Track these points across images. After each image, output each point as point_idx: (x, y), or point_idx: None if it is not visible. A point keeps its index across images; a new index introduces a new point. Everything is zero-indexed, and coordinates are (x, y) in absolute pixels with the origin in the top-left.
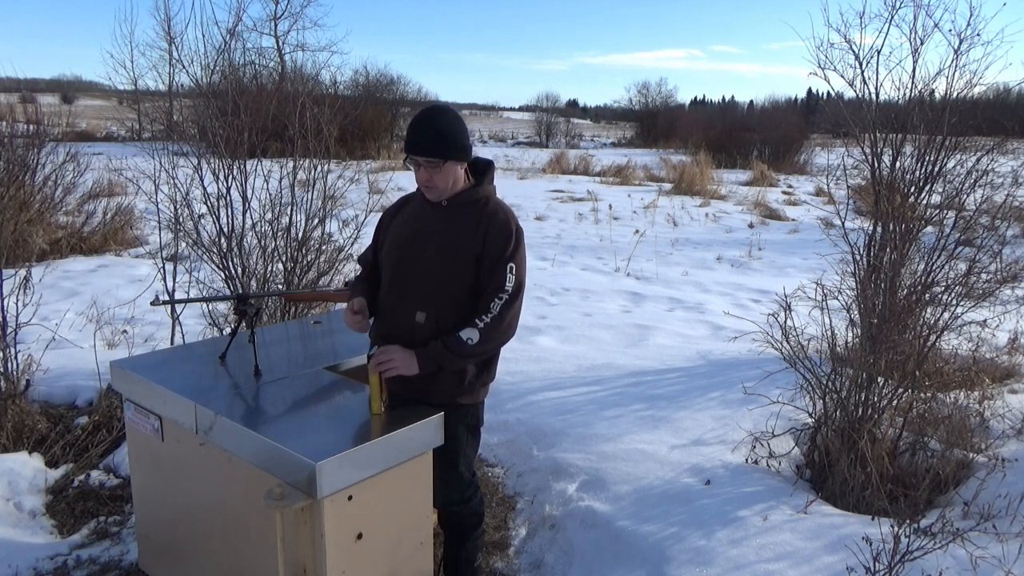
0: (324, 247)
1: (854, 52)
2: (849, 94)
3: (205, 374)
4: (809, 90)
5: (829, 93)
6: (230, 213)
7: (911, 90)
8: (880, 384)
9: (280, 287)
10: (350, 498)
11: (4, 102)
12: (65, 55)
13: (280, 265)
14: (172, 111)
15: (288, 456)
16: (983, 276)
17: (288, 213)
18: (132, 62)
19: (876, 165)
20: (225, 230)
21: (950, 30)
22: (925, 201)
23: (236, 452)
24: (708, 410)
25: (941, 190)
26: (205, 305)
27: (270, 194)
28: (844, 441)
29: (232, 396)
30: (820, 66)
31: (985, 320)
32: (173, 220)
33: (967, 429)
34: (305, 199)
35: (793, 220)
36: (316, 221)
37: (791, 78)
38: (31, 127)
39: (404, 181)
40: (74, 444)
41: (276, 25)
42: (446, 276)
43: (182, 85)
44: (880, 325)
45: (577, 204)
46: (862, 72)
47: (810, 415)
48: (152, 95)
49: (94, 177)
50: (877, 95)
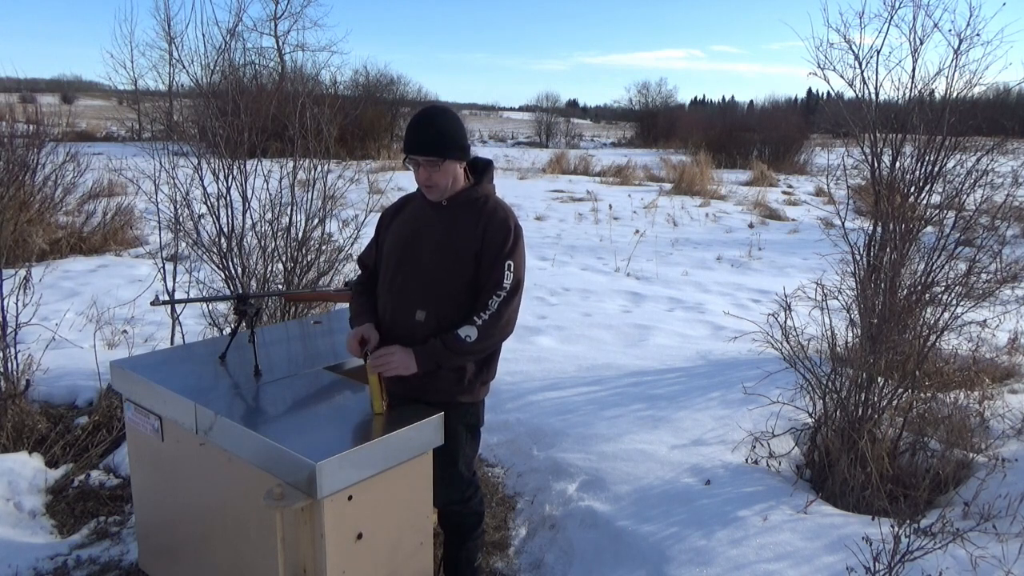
0: (324, 247)
1: (854, 52)
2: (849, 94)
3: (205, 374)
4: (809, 90)
5: (829, 93)
6: (230, 213)
7: (911, 90)
8: (880, 384)
9: (280, 287)
10: (350, 498)
11: (4, 102)
12: (65, 55)
13: (280, 265)
14: (172, 111)
15: (288, 456)
16: (983, 276)
17: (288, 213)
18: (132, 62)
19: (876, 165)
20: (225, 230)
21: (950, 30)
22: (925, 201)
23: (236, 452)
24: (708, 410)
25: (941, 190)
26: (205, 305)
27: (270, 194)
28: (844, 441)
29: (232, 396)
30: (820, 66)
31: (985, 320)
32: (173, 220)
33: (967, 429)
34: (305, 199)
35: (793, 220)
36: (316, 221)
37: (791, 78)
38: (31, 127)
39: (404, 181)
40: (74, 444)
41: (276, 25)
42: (446, 275)
43: (182, 85)
44: (880, 325)
45: (577, 204)
46: (862, 72)
47: (810, 415)
48: (152, 95)
49: (94, 177)
50: (877, 95)
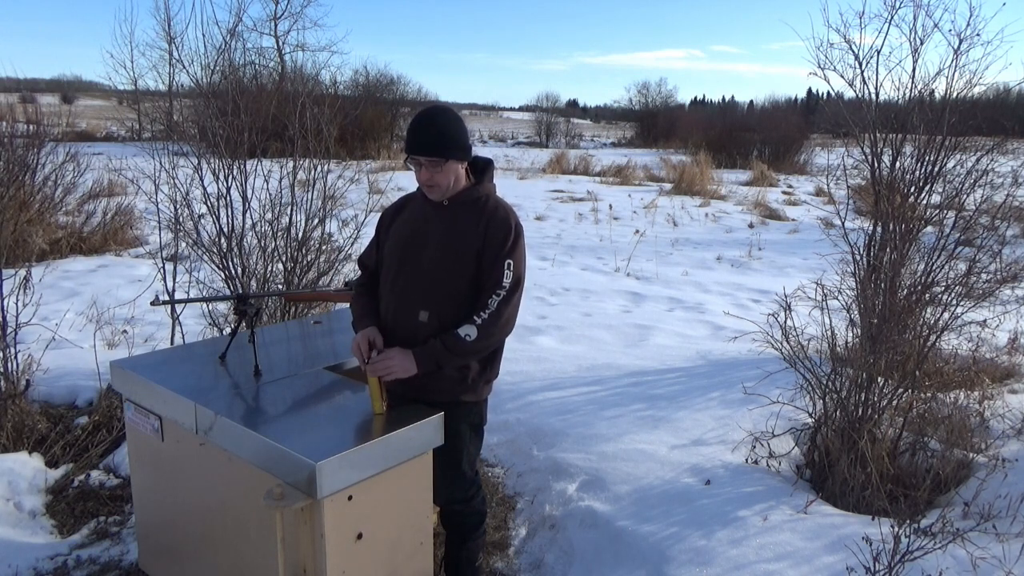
0: (324, 247)
1: (854, 52)
2: (849, 94)
3: (205, 374)
4: (809, 90)
5: (829, 93)
6: (230, 213)
7: (911, 90)
8: (880, 384)
9: (280, 287)
10: (350, 498)
11: (4, 102)
12: (65, 55)
13: (280, 265)
14: (172, 111)
15: (288, 456)
16: (983, 276)
17: (288, 213)
18: (132, 62)
19: (876, 165)
20: (225, 230)
21: (950, 30)
22: (925, 201)
23: (236, 452)
24: (708, 410)
25: (941, 190)
26: (205, 305)
27: (270, 194)
28: (844, 441)
29: (232, 396)
30: (820, 66)
31: (985, 320)
32: (173, 220)
33: (967, 429)
34: (305, 199)
35: (793, 220)
36: (316, 221)
37: (791, 78)
38: (31, 127)
39: (404, 181)
40: (74, 444)
41: (276, 25)
42: (447, 275)
43: (182, 85)
44: (880, 325)
45: (577, 204)
46: (862, 72)
47: (810, 415)
48: (152, 95)
49: (94, 177)
50: (877, 95)
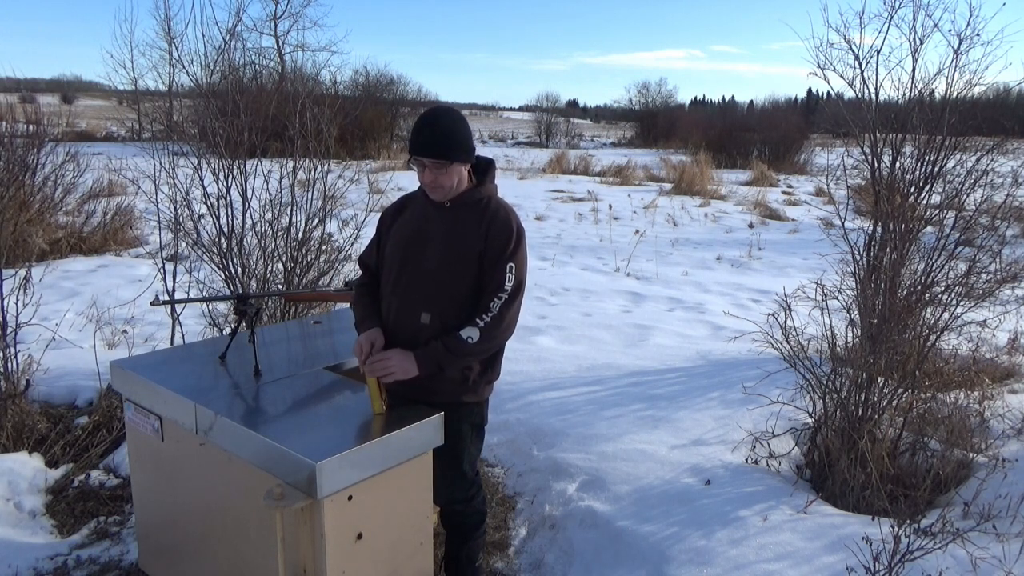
0: (324, 247)
1: (854, 52)
2: (849, 94)
3: (205, 374)
4: (809, 90)
5: (829, 93)
6: (230, 213)
7: (911, 90)
8: (880, 384)
9: (280, 287)
10: (350, 498)
11: (4, 102)
12: (65, 55)
13: (280, 265)
14: (172, 111)
15: (288, 456)
16: (983, 276)
17: (288, 213)
18: (132, 62)
19: (876, 165)
20: (225, 230)
21: (950, 30)
22: (925, 201)
23: (236, 452)
24: (708, 410)
25: (941, 190)
26: (205, 305)
27: (270, 194)
28: (844, 441)
29: (232, 396)
30: (820, 66)
31: (985, 320)
32: (173, 220)
33: (967, 429)
34: (305, 199)
35: (793, 220)
36: (316, 221)
37: (791, 78)
38: (31, 127)
39: (404, 181)
40: (74, 444)
41: (276, 25)
42: (449, 277)
43: (182, 85)
44: (880, 325)
45: (577, 204)
46: (862, 72)
47: (810, 415)
48: (152, 95)
49: (94, 177)
50: (877, 95)
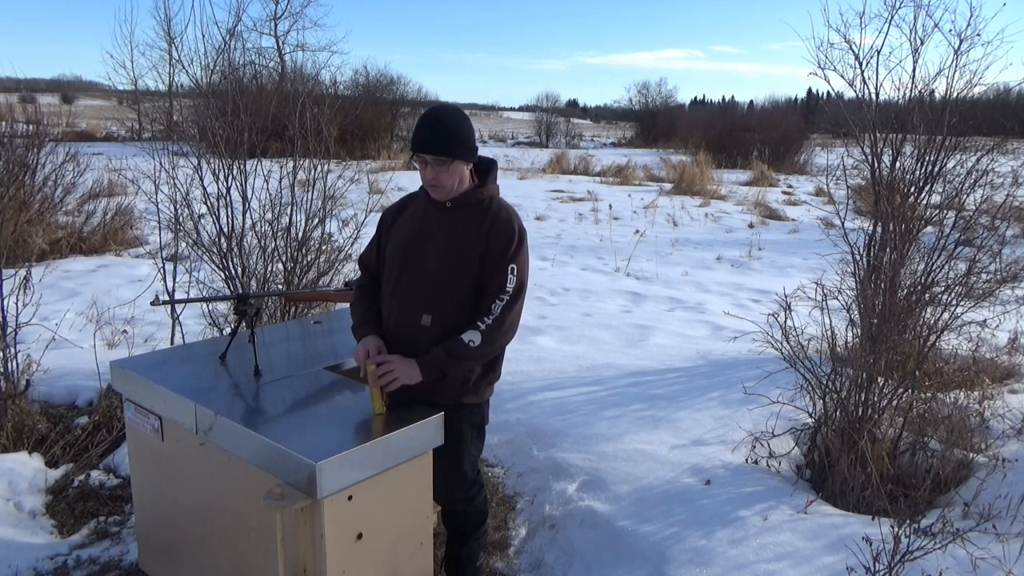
0: (324, 247)
1: (854, 52)
2: (849, 94)
3: (205, 374)
4: (809, 90)
5: (829, 93)
6: (230, 213)
7: (911, 90)
8: (880, 384)
9: (280, 287)
10: (350, 498)
11: (4, 102)
12: (65, 55)
13: (280, 265)
14: (172, 111)
15: (288, 456)
16: (983, 276)
17: (288, 213)
18: (132, 62)
19: (876, 165)
20: (225, 230)
21: (950, 30)
22: (925, 201)
23: (236, 452)
24: (708, 410)
25: (941, 190)
26: (205, 305)
27: (270, 194)
28: (844, 441)
29: (232, 396)
30: (820, 66)
31: (985, 320)
32: (173, 220)
33: (967, 429)
34: (305, 199)
35: (793, 220)
36: (316, 221)
37: (791, 78)
38: (31, 127)
39: (404, 181)
40: (74, 444)
41: (276, 25)
42: (450, 278)
43: (182, 85)
44: (880, 325)
45: (577, 204)
46: (862, 72)
47: (810, 415)
48: (152, 95)
49: (94, 177)
50: (877, 95)
